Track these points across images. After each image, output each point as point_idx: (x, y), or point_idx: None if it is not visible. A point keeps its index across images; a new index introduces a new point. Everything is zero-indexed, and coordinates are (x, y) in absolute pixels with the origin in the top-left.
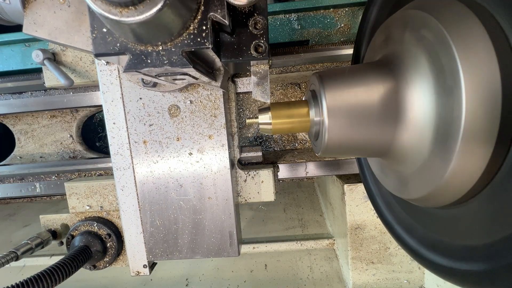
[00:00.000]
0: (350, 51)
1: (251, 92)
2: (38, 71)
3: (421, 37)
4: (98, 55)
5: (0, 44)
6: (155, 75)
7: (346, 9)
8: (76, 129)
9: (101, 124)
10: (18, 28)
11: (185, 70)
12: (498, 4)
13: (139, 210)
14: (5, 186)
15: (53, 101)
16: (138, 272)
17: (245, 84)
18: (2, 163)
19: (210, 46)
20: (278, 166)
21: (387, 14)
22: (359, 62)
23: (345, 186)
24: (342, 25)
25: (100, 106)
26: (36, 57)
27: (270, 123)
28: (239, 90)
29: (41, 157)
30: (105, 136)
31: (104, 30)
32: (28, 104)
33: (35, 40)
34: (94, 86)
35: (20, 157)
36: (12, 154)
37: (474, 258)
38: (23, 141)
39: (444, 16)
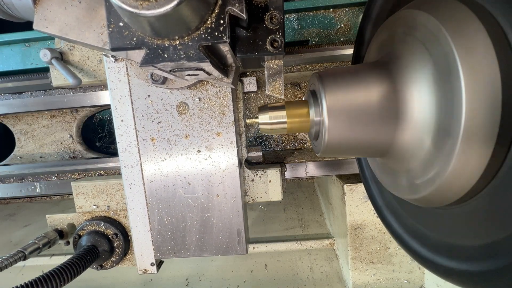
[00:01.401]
0: (350, 51)
1: (252, 92)
2: (38, 71)
3: (421, 37)
4: (114, 49)
5: (0, 44)
6: (170, 70)
7: (346, 9)
8: (76, 129)
9: (101, 124)
10: (18, 28)
11: (201, 65)
12: (498, 4)
13: (147, 208)
14: (5, 186)
15: (53, 101)
16: (145, 270)
17: (245, 84)
18: (2, 163)
19: (227, 40)
20: (285, 165)
21: (387, 14)
22: (359, 62)
23: (345, 186)
24: (342, 25)
25: (100, 106)
26: (43, 56)
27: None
28: (246, 90)
29: (41, 157)
30: (105, 136)
31: (121, 24)
32: (28, 104)
33: (35, 40)
34: (95, 86)
35: (20, 157)
36: (12, 154)
37: (475, 258)
38: (23, 141)
39: (444, 16)
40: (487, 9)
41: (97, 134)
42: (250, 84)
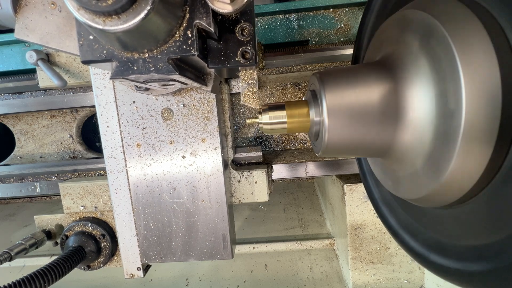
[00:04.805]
0: (350, 51)
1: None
2: None
3: (421, 37)
4: (85, 62)
5: (0, 44)
6: (143, 81)
7: (346, 9)
8: (76, 129)
9: None
10: None
11: (171, 76)
12: (498, 4)
13: (133, 213)
14: (5, 186)
15: (53, 101)
16: (132, 274)
17: (232, 86)
18: (2, 163)
19: (195, 53)
20: (272, 166)
21: (387, 14)
22: (359, 62)
23: (345, 186)
24: (342, 25)
25: None
26: (29, 58)
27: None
28: (234, 91)
29: (41, 157)
30: None
31: (91, 37)
32: (28, 104)
33: None
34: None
35: (20, 157)
36: (12, 154)
37: (475, 258)
38: (23, 141)
39: (443, 16)
40: (487, 9)
41: (97, 134)
42: (238, 85)
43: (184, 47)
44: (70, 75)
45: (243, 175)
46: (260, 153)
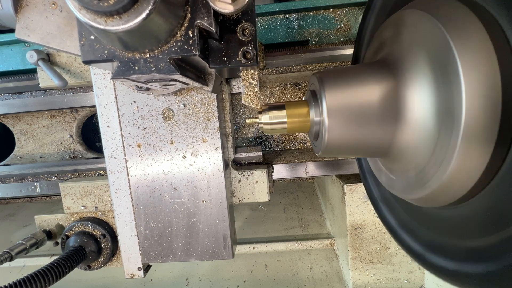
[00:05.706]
0: (350, 51)
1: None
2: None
3: (420, 37)
4: (86, 62)
5: (0, 44)
6: (145, 81)
7: (346, 9)
8: (76, 129)
9: None
10: None
11: (172, 76)
12: (498, 4)
13: (133, 213)
14: (5, 186)
15: (53, 101)
16: (132, 274)
17: (233, 86)
18: (2, 163)
19: (197, 53)
20: (272, 166)
21: (387, 14)
22: (359, 62)
23: (345, 186)
24: (342, 25)
25: None
26: (30, 57)
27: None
28: (234, 91)
29: (41, 157)
30: None
31: (92, 37)
32: (28, 104)
33: None
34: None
35: (20, 157)
36: (12, 154)
37: (475, 259)
38: (23, 141)
39: (443, 16)
40: (487, 9)
41: (97, 134)
42: (238, 85)
43: (186, 47)
44: (70, 75)
45: (243, 175)
46: (260, 153)
